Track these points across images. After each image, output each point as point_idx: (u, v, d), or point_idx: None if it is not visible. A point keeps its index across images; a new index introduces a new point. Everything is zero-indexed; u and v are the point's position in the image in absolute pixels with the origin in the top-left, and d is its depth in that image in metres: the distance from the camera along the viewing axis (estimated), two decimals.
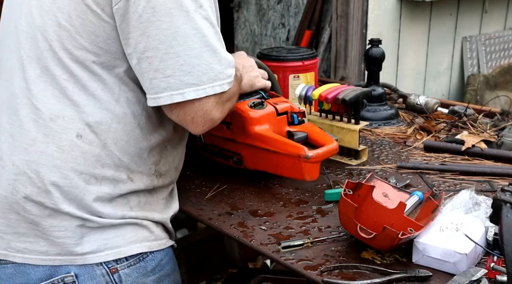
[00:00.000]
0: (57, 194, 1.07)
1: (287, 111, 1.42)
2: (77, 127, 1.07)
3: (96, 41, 1.05)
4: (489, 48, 3.68)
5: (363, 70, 2.87)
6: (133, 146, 1.12)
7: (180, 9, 1.01)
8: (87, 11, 1.03)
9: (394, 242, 1.04)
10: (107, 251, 1.11)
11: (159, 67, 1.03)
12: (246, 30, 3.65)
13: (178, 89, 1.04)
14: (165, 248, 1.21)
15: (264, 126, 1.38)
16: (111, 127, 1.09)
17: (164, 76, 1.03)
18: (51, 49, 1.06)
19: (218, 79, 1.06)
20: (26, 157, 1.08)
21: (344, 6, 2.83)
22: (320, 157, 1.32)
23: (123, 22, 1.03)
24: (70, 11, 1.04)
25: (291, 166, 1.33)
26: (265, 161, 1.38)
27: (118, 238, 1.12)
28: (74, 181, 1.07)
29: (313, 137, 1.39)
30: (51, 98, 1.07)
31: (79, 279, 1.09)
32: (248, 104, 1.39)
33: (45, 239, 1.09)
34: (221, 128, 1.45)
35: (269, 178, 1.47)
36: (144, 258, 1.15)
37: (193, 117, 1.08)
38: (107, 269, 1.11)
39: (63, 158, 1.07)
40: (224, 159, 1.50)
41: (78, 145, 1.07)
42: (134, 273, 1.14)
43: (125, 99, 1.10)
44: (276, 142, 1.35)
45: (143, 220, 1.16)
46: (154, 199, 1.20)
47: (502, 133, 1.67)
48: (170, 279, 1.22)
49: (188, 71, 1.03)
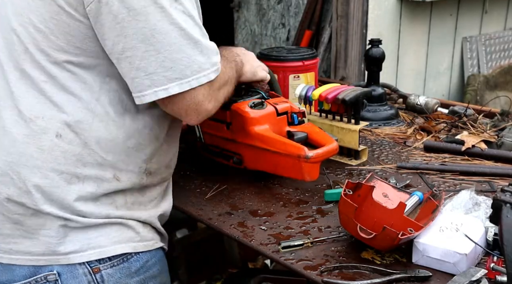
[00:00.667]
0: (38, 195, 1.07)
1: (287, 111, 1.43)
2: (56, 126, 1.07)
3: (73, 41, 1.05)
4: (489, 48, 3.68)
5: (363, 70, 2.87)
6: (119, 144, 1.12)
7: (154, 6, 1.00)
8: (60, 12, 1.03)
9: (394, 242, 1.04)
10: (90, 251, 1.11)
11: (140, 65, 1.03)
12: (246, 30, 3.65)
13: (162, 85, 1.04)
14: (153, 250, 1.20)
15: (264, 126, 1.38)
16: (93, 126, 1.08)
17: (146, 74, 1.03)
18: (27, 51, 1.06)
19: (202, 70, 1.06)
20: (8, 158, 1.08)
21: (344, 6, 2.83)
22: (320, 157, 1.32)
23: (97, 23, 1.02)
24: (44, 12, 1.04)
25: (291, 166, 1.33)
26: (265, 161, 1.38)
27: (101, 238, 1.11)
28: (55, 181, 1.07)
29: (313, 137, 1.39)
30: (31, 99, 1.07)
31: (61, 277, 1.09)
32: (248, 104, 1.39)
33: (30, 238, 1.09)
34: (221, 128, 1.45)
35: (269, 178, 1.47)
36: (128, 258, 1.15)
37: (186, 110, 1.09)
38: (89, 268, 1.11)
39: (43, 158, 1.07)
40: (224, 159, 1.50)
41: (58, 145, 1.07)
42: (117, 274, 1.13)
43: (107, 98, 1.09)
44: (276, 142, 1.35)
45: (129, 220, 1.15)
46: (145, 198, 1.19)
47: (502, 133, 1.67)
48: (156, 281, 1.21)
49: (170, 67, 1.03)
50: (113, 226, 1.13)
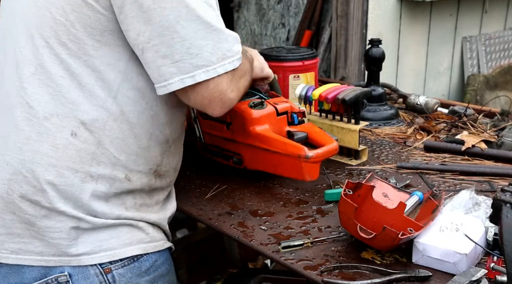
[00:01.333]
0: (53, 192, 1.07)
1: (287, 111, 1.42)
2: (71, 125, 1.07)
3: (93, 35, 1.05)
4: (489, 48, 3.68)
5: (363, 70, 2.87)
6: (131, 145, 1.12)
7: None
8: (81, 4, 1.04)
9: (394, 242, 1.04)
10: (102, 253, 1.11)
11: (166, 53, 1.03)
12: (246, 30, 3.65)
13: (188, 72, 1.04)
14: (161, 250, 1.20)
15: (264, 126, 1.38)
16: (107, 125, 1.08)
17: (172, 62, 1.03)
18: (47, 46, 1.06)
19: (227, 57, 1.07)
20: (21, 156, 1.07)
21: (344, 6, 2.83)
22: (320, 157, 1.32)
23: (121, 14, 1.03)
24: (64, 5, 1.04)
25: (291, 166, 1.33)
26: (265, 161, 1.38)
27: (113, 239, 1.11)
28: (69, 179, 1.07)
29: (313, 137, 1.39)
30: (45, 96, 1.07)
31: (72, 278, 1.09)
32: (248, 104, 1.39)
33: (40, 240, 1.09)
34: (221, 128, 1.45)
35: (269, 178, 1.47)
36: (138, 258, 1.15)
37: (210, 99, 1.08)
38: (101, 269, 1.11)
39: (58, 156, 1.07)
40: (224, 159, 1.50)
41: (72, 143, 1.07)
42: (128, 273, 1.13)
43: (124, 96, 1.09)
44: (276, 142, 1.35)
45: (139, 221, 1.15)
46: (152, 201, 1.19)
47: (502, 133, 1.67)
48: (165, 280, 1.22)
49: (196, 54, 1.04)
50: (123, 228, 1.13)
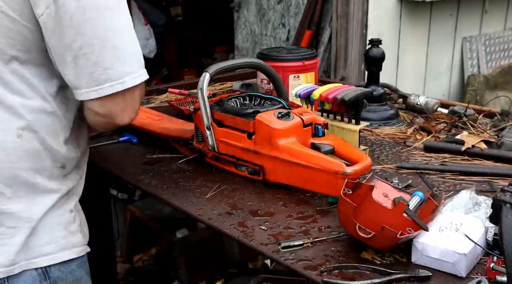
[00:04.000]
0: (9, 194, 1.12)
1: (311, 122, 1.39)
2: (15, 128, 1.12)
3: (14, 44, 1.08)
4: (489, 48, 3.68)
5: (363, 70, 2.88)
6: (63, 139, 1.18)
7: (106, 4, 1.08)
8: (2, 17, 1.07)
9: (393, 242, 1.04)
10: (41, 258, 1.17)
11: (97, 61, 1.08)
12: (246, 30, 3.65)
13: (118, 79, 1.10)
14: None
15: (291, 138, 1.34)
16: (44, 123, 1.14)
17: (103, 69, 1.09)
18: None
19: (143, 66, 1.14)
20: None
21: (344, 6, 2.83)
22: (358, 174, 1.26)
23: (57, 25, 1.07)
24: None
25: (325, 182, 1.27)
26: (292, 175, 1.33)
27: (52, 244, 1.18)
28: (21, 179, 1.13)
29: (340, 150, 1.34)
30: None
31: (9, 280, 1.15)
32: (275, 115, 1.35)
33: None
34: (242, 138, 1.40)
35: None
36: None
37: (123, 107, 1.14)
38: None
39: (9, 159, 1.12)
40: (238, 169, 1.46)
41: (20, 145, 1.12)
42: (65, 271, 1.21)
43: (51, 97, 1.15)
44: (309, 156, 1.29)
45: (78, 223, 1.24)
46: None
47: (502, 133, 1.67)
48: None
49: (124, 61, 1.10)
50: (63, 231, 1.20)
